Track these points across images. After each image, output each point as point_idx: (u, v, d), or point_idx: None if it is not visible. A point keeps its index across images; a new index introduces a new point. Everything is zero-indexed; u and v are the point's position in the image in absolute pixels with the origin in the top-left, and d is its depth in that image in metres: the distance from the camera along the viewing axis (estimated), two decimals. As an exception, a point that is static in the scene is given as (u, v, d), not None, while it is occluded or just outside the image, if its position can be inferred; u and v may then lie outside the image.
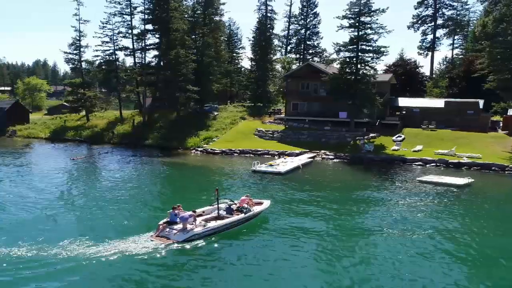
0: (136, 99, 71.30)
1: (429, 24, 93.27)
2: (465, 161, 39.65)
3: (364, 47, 50.03)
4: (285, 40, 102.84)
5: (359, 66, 50.00)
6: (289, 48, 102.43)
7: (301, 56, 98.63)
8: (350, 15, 50.03)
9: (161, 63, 57.87)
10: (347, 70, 50.61)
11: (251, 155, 45.49)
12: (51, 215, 21.70)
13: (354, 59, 49.96)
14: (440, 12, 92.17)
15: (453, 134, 48.91)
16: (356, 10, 49.62)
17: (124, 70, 65.73)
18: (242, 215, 20.50)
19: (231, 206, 21.01)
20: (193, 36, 61.73)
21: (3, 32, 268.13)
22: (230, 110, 66.09)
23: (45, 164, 37.79)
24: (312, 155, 44.58)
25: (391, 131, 51.26)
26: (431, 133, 49.89)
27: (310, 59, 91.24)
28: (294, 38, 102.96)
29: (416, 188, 30.32)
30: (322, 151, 45.72)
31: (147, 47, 59.66)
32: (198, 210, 20.37)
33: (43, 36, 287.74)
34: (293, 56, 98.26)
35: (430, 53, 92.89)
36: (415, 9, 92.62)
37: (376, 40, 49.82)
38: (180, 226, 18.56)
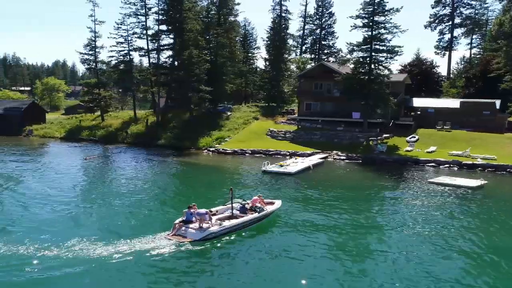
0: (151, 99, 72.25)
1: (447, 23, 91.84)
2: (480, 162, 39.08)
3: (377, 47, 49.70)
4: (300, 40, 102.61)
5: (372, 66, 49.70)
6: (304, 48, 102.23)
7: (316, 56, 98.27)
8: (363, 15, 49.77)
9: (175, 64, 58.29)
10: (360, 70, 50.35)
11: (262, 155, 45.59)
12: (69, 214, 22.13)
13: (368, 59, 49.66)
14: (458, 11, 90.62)
15: (468, 135, 48.20)
16: (369, 9, 49.33)
17: (138, 70, 66.58)
18: (256, 214, 20.78)
19: (245, 206, 21.25)
20: (207, 37, 62.00)
21: (23, 32, 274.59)
22: (243, 110, 66.31)
23: (59, 163, 38.48)
24: (324, 155, 44.46)
25: (405, 131, 50.77)
26: (445, 133, 49.26)
27: (325, 59, 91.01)
28: (309, 38, 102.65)
29: (427, 190, 29.99)
30: (334, 151, 45.58)
31: (161, 48, 60.28)
32: (213, 210, 20.62)
33: (62, 36, 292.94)
34: (308, 56, 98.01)
35: (447, 52, 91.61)
36: (432, 8, 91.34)
37: (390, 40, 49.50)
38: (196, 225, 18.76)
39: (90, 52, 62.47)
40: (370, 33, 49.48)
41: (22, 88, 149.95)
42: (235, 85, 75.97)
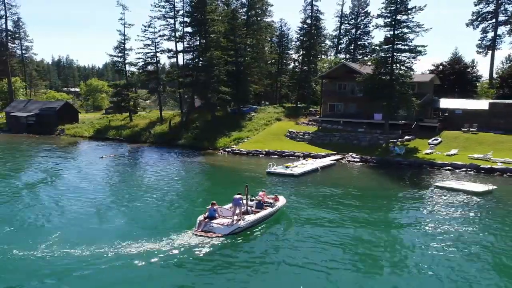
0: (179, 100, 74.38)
1: (490, 21, 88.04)
2: (498, 166, 37.59)
3: (399, 46, 48.85)
4: (336, 40, 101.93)
5: (394, 66, 48.89)
6: (340, 48, 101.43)
7: (352, 56, 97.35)
8: (385, 14, 49.06)
9: (198, 65, 59.83)
10: (381, 70, 49.64)
11: (277, 156, 46.06)
12: (96, 213, 23.42)
13: (389, 59, 48.89)
14: (502, 8, 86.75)
15: (495, 138, 46.31)
16: (392, 8, 48.58)
17: (167, 72, 68.86)
18: (271, 209, 22.25)
19: (260, 202, 22.67)
20: (232, 37, 63.14)
21: (77, 35, 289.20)
22: (268, 111, 66.92)
23: (78, 161, 40.88)
24: (338, 157, 44.30)
25: (429, 133, 49.58)
26: (471, 136, 47.60)
27: (361, 59, 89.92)
28: (344, 38, 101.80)
29: (430, 194, 29.44)
30: (350, 153, 45.24)
31: (186, 49, 61.98)
32: (225, 206, 21.57)
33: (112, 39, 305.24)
34: (342, 56, 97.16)
35: (490, 51, 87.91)
36: (475, 5, 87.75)
37: (413, 39, 48.46)
38: (220, 220, 19.97)
39: (120, 54, 65.34)
40: (392, 32, 48.73)
41: (73, 89, 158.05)
42: (263, 86, 76.81)
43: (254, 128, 56.92)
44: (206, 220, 19.83)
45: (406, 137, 48.76)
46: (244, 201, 21.59)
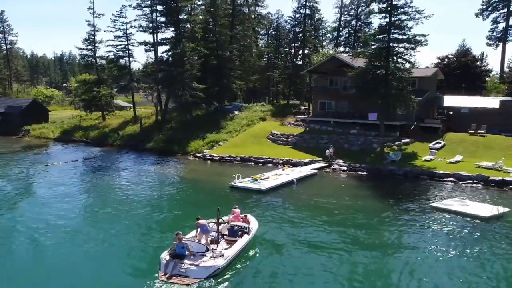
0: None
1: (501, 11, 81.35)
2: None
3: (396, 36, 42.69)
4: (336, 32, 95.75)
5: (390, 58, 42.72)
6: (339, 40, 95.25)
7: (352, 49, 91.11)
8: (380, -2, 42.90)
9: (170, 58, 54.10)
10: (376, 63, 43.50)
11: (252, 163, 40.34)
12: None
13: (385, 50, 42.75)
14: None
15: (507, 141, 40.27)
16: (387, -9, 42.41)
17: (144, 66, 63.17)
18: (247, 237, 18.23)
19: (234, 227, 18.62)
20: (213, 28, 57.25)
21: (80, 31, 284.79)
22: (254, 109, 61.07)
23: (14, 170, 35.35)
24: (323, 164, 38.47)
25: (431, 136, 43.58)
26: (478, 139, 41.54)
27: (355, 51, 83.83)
28: (344, 30, 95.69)
29: (425, 219, 23.57)
30: (338, 160, 39.34)
31: (161, 42, 56.10)
32: (188, 236, 17.55)
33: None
34: (341, 49, 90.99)
35: (501, 44, 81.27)
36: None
37: (411, 28, 42.33)
38: (194, 259, 15.84)
39: (89, 47, 59.64)
40: (388, 19, 42.56)
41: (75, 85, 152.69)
42: (251, 82, 70.94)
43: (234, 129, 51.11)
44: (175, 260, 15.67)
45: (404, 140, 42.81)
46: (214, 227, 17.95)
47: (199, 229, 17.39)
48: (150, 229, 21.05)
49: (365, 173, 36.34)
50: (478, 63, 63.80)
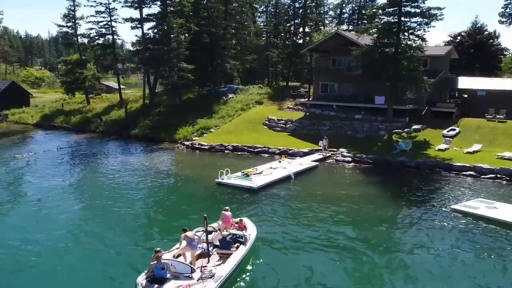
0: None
1: (517, -15, 76.78)
2: (542, 173, 27.83)
3: (408, 8, 38.42)
4: (339, 9, 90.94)
5: (401, 35, 38.53)
6: (342, 18, 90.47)
7: (356, 28, 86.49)
8: (390, -34, 38.47)
9: (155, 36, 49.80)
10: (385, 40, 39.33)
11: (245, 153, 36.64)
12: None
13: (395, 25, 38.54)
14: (532, -31, 75.30)
15: (531, 128, 36.51)
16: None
17: (132, 43, 59.04)
18: (243, 249, 15.13)
19: (227, 238, 15.51)
20: (202, 1, 52.87)
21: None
22: (250, 92, 57.07)
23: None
24: (324, 155, 34.76)
25: (444, 122, 39.81)
26: (498, 125, 37.78)
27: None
28: (348, 6, 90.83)
29: (445, 224, 19.95)
30: (341, 149, 35.65)
31: (147, 18, 51.63)
32: (169, 254, 14.17)
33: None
34: (344, 27, 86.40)
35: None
36: (498, -35, 76.50)
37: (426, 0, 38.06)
38: (176, 283, 12.69)
39: (69, 24, 55.27)
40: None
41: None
42: (247, 62, 66.77)
43: (227, 114, 47.25)
44: (154, 284, 12.62)
45: (415, 127, 39.06)
46: (203, 237, 14.95)
47: (184, 242, 14.30)
48: (112, 241, 17.49)
49: (372, 165, 32.66)
50: (493, 41, 59.43)
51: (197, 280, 12.73)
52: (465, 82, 45.51)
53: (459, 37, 59.28)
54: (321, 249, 16.91)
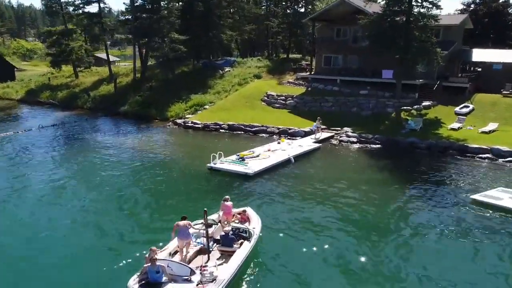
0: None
1: None
2: None
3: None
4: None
5: (413, 1, 35.73)
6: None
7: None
8: None
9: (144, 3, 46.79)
10: (395, 8, 36.53)
11: (242, 132, 34.48)
12: None
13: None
14: None
15: (552, 105, 34.23)
16: None
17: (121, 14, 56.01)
18: (248, 245, 13.61)
19: (229, 234, 13.83)
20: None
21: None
22: (248, 65, 54.44)
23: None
24: (327, 134, 32.65)
25: (456, 98, 37.47)
26: (515, 102, 35.52)
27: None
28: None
29: (465, 216, 17.98)
30: (345, 128, 33.49)
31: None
32: (164, 252, 13.00)
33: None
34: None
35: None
36: None
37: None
38: (174, 286, 11.43)
39: (53, -11, 52.21)
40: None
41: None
42: (245, 32, 63.78)
43: (223, 89, 44.84)
44: None
45: (425, 103, 36.78)
46: (201, 232, 13.78)
47: (175, 235, 13.36)
48: (85, 238, 15.55)
49: (379, 145, 30.54)
50: (509, 10, 56.35)
51: (197, 285, 11.36)
52: (478, 54, 42.90)
53: (472, 5, 56.19)
54: (325, 246, 15.02)
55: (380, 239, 15.93)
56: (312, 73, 46.63)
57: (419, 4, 35.83)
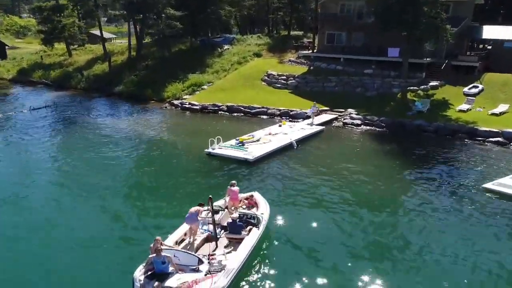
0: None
1: None
2: None
3: None
4: None
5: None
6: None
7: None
8: None
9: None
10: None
11: (241, 114, 33.53)
12: None
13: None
14: None
15: None
16: None
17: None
18: (256, 232, 13.25)
19: (237, 221, 13.41)
20: None
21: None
22: (248, 42, 53.05)
23: None
24: (331, 116, 31.73)
25: (465, 77, 36.32)
26: (527, 82, 34.40)
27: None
28: None
29: (477, 205, 17.17)
30: (349, 110, 32.52)
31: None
32: (170, 240, 12.64)
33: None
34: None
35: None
36: None
37: None
38: (181, 276, 10.87)
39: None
40: None
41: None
42: (245, 8, 62.19)
43: (222, 69, 43.67)
44: (153, 280, 10.74)
45: (432, 83, 35.67)
46: (208, 219, 13.39)
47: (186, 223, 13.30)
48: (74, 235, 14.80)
49: (384, 128, 29.62)
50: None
51: (205, 275, 10.92)
52: (489, 32, 41.51)
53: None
54: (333, 229, 14.65)
55: (387, 219, 15.74)
56: (315, 51, 45.37)
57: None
